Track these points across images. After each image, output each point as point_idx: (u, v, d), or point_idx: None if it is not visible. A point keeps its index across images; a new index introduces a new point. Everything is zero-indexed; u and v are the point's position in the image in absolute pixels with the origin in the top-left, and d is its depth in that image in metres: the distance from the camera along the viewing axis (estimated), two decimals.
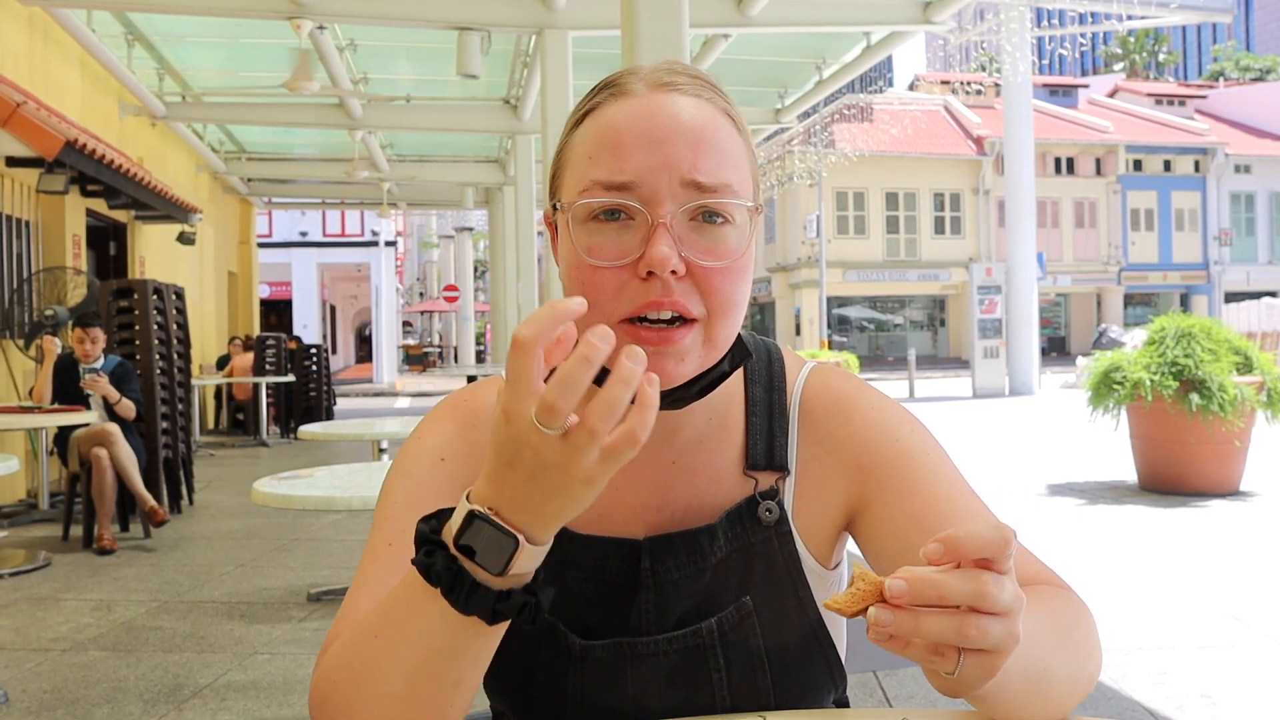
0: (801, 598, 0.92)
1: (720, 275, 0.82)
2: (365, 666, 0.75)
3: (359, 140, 12.31)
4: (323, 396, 13.66)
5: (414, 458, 0.94)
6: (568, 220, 0.84)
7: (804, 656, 0.92)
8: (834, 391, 0.96)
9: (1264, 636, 3.83)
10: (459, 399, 0.98)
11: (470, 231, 32.39)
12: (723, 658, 0.89)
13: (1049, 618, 0.79)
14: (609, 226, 0.81)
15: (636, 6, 4.37)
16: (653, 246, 0.79)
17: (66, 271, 8.05)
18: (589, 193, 0.82)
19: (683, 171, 0.81)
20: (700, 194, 0.81)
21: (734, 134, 0.86)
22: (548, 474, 0.64)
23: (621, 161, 0.81)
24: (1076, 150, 36.83)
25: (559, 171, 0.89)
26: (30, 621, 4.33)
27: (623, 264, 0.81)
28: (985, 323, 19.67)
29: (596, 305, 0.80)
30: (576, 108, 0.90)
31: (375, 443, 5.30)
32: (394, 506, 0.90)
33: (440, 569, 0.68)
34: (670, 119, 0.83)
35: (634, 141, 0.82)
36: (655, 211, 0.80)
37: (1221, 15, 23.73)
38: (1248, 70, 60.22)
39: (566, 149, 0.88)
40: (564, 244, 0.85)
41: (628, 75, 0.87)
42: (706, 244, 0.82)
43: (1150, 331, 7.26)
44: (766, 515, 0.91)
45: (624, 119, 0.83)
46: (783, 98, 11.26)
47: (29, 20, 8.08)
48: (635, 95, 0.85)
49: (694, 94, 0.85)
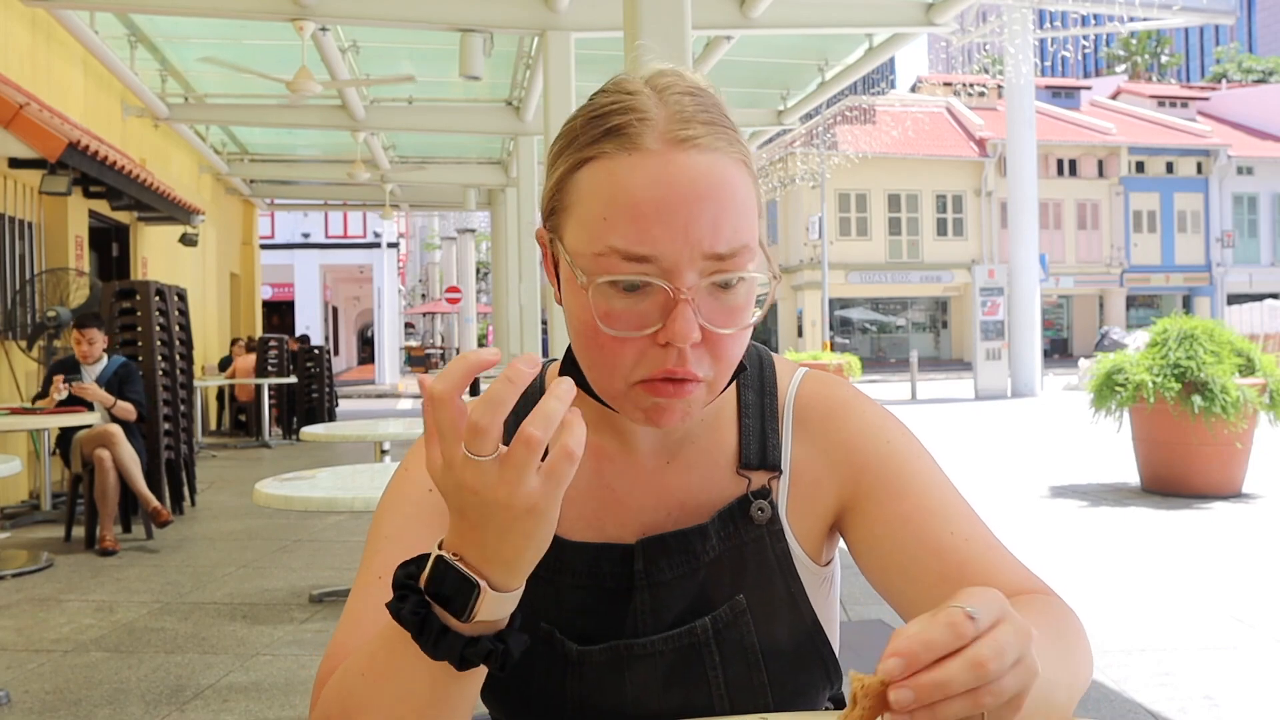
0: (794, 594, 0.93)
1: (732, 339, 0.83)
2: (355, 707, 0.76)
3: (361, 141, 12.32)
4: (325, 398, 13.67)
5: (401, 490, 0.93)
6: (581, 278, 0.81)
7: (798, 653, 0.93)
8: (828, 397, 0.97)
9: (1267, 638, 3.82)
10: None
11: (473, 233, 32.36)
12: (718, 655, 0.90)
13: (1048, 632, 0.78)
14: (628, 295, 0.80)
15: (639, 8, 4.37)
16: (675, 322, 0.79)
17: (69, 273, 8.06)
18: (606, 259, 0.80)
19: (704, 245, 0.79)
20: (720, 263, 0.80)
21: (749, 183, 0.84)
22: (494, 512, 0.65)
23: (641, 233, 0.79)
24: (1079, 152, 36.81)
25: (560, 208, 0.85)
26: (32, 622, 4.33)
27: (642, 335, 0.80)
28: (987, 324, 19.65)
29: (611, 370, 0.82)
30: (577, 138, 0.84)
31: (377, 444, 5.31)
32: (383, 540, 0.90)
33: (408, 613, 0.69)
34: (690, 186, 0.80)
35: (654, 211, 0.79)
36: (677, 283, 0.79)
37: (1224, 17, 23.69)
38: (1250, 72, 60.17)
39: (568, 188, 0.84)
40: (574, 299, 0.83)
41: (638, 122, 0.81)
42: (723, 310, 0.82)
43: (1153, 333, 7.26)
44: (759, 514, 0.92)
45: (641, 185, 0.80)
46: (785, 99, 11.27)
47: (32, 21, 8.09)
48: (650, 152, 0.80)
49: (710, 147, 0.81)
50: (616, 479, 0.94)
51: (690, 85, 0.85)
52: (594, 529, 0.93)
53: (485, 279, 37.72)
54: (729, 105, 0.88)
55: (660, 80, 0.85)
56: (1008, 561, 0.89)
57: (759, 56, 9.78)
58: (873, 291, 36.68)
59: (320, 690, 0.83)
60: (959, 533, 0.88)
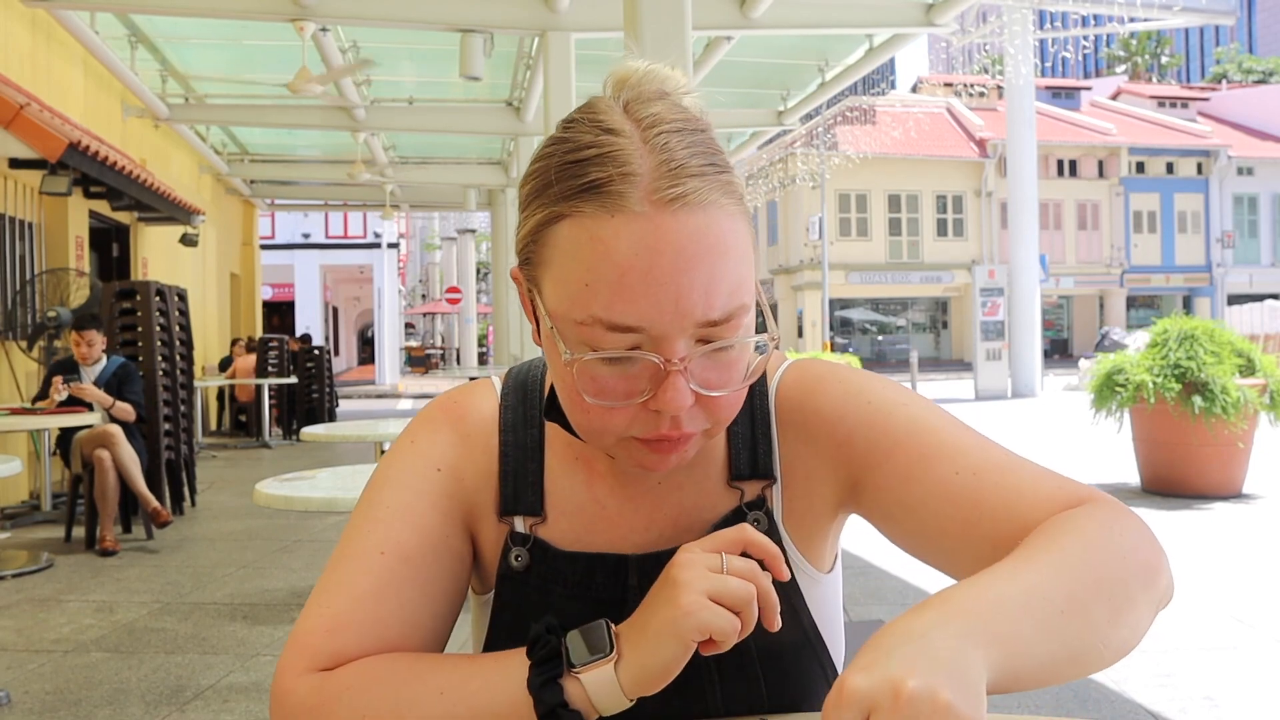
0: (794, 605, 0.90)
1: (727, 399, 0.80)
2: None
3: (362, 142, 12.33)
4: (325, 398, 13.67)
5: (408, 463, 0.91)
6: (565, 352, 0.77)
7: (798, 663, 0.91)
8: (804, 379, 0.93)
9: (1267, 638, 3.82)
10: (451, 403, 0.95)
11: (473, 233, 32.37)
12: (716, 671, 0.88)
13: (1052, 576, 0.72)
14: (614, 363, 0.76)
15: (639, 8, 4.37)
16: (665, 392, 0.75)
17: (69, 273, 8.06)
18: (589, 329, 0.75)
19: (696, 315, 0.74)
20: (714, 329, 0.76)
21: (744, 232, 0.78)
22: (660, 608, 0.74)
23: (628, 304, 0.73)
24: (1079, 152, 36.81)
25: (537, 262, 0.79)
26: (32, 623, 4.33)
27: (631, 404, 0.77)
28: (988, 325, 19.65)
29: (600, 434, 0.80)
30: (553, 183, 0.77)
31: (378, 444, 5.30)
32: (386, 510, 0.87)
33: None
34: (679, 253, 0.73)
35: (640, 282, 0.73)
36: (667, 354, 0.75)
37: (1224, 18, 23.69)
38: (1250, 72, 60.17)
39: (546, 243, 0.77)
40: (556, 359, 0.79)
41: (620, 179, 0.74)
42: (717, 370, 0.78)
43: (1153, 334, 7.25)
44: (755, 526, 0.88)
45: (626, 251, 0.73)
46: (785, 99, 11.27)
47: (32, 22, 8.09)
48: (635, 215, 0.73)
49: (701, 202, 0.74)
50: (608, 496, 0.91)
51: (679, 118, 0.78)
52: (585, 540, 0.91)
53: (485, 279, 37.73)
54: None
55: (644, 111, 0.77)
56: (1030, 482, 0.83)
57: (759, 57, 9.78)
58: (873, 292, 36.67)
59: (314, 658, 0.80)
60: (966, 468, 0.83)
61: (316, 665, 0.81)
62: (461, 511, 0.90)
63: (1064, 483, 0.84)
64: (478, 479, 0.91)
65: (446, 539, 0.88)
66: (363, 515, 0.88)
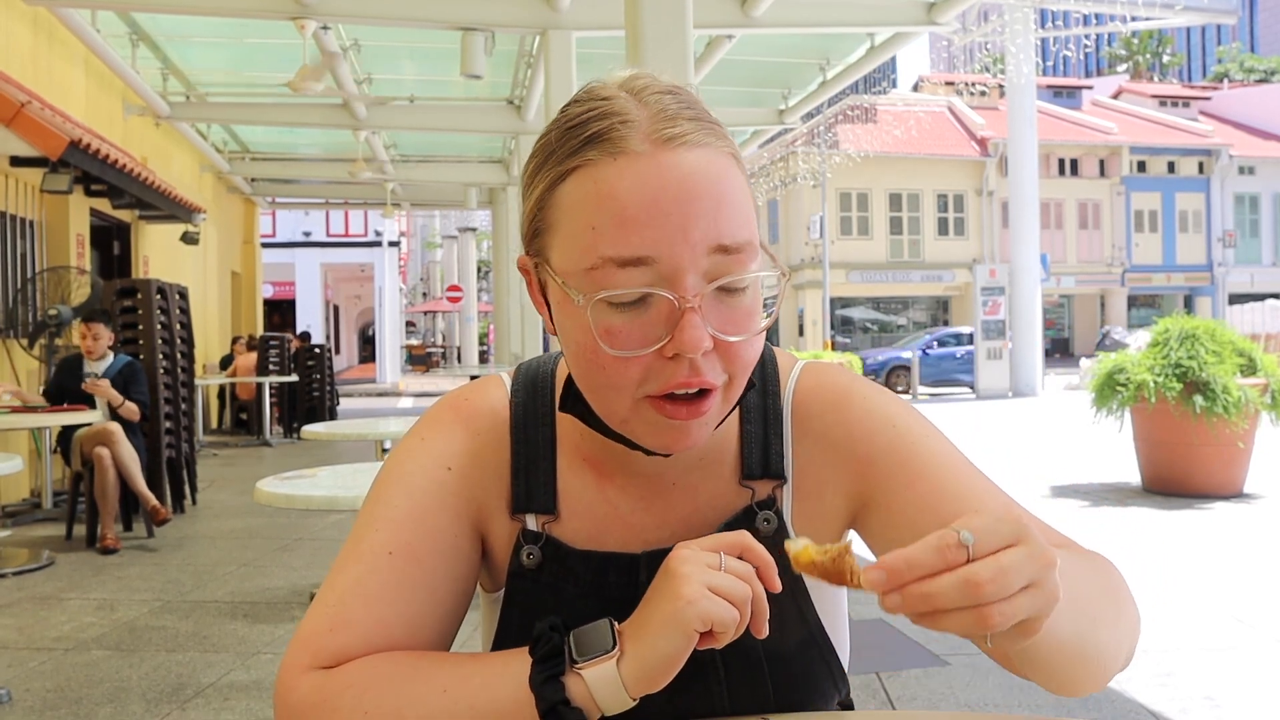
0: (801, 606, 0.91)
1: (745, 345, 0.79)
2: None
3: (363, 140, 12.32)
4: (326, 396, 13.67)
5: (417, 463, 0.90)
6: (576, 297, 0.77)
7: (805, 663, 0.91)
8: (826, 388, 0.93)
9: (1268, 639, 3.82)
10: (461, 400, 0.95)
11: (474, 232, 32.36)
12: (723, 670, 0.88)
13: (1091, 576, 0.81)
14: (628, 308, 0.76)
15: (640, 7, 4.37)
16: (683, 331, 0.75)
17: (70, 271, 8.06)
18: (599, 271, 0.75)
19: (706, 244, 0.75)
20: (725, 258, 0.76)
21: (743, 179, 0.80)
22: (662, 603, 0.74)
23: (635, 236, 0.74)
24: (1080, 151, 36.79)
25: (544, 229, 0.81)
26: (33, 621, 4.33)
27: (649, 351, 0.76)
28: (989, 324, 19.66)
29: (618, 389, 0.78)
30: (554, 153, 0.80)
31: (378, 443, 5.31)
32: (395, 510, 0.87)
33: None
34: (683, 183, 0.75)
35: (646, 212, 0.74)
36: (680, 290, 0.75)
37: (1226, 17, 23.67)
38: (1252, 72, 60.15)
39: (550, 205, 0.79)
40: (569, 321, 0.79)
41: (620, 125, 0.77)
42: (732, 316, 0.78)
43: (1154, 333, 7.25)
44: (764, 525, 0.89)
45: (629, 187, 0.75)
46: (786, 98, 11.25)
47: (34, 20, 8.09)
48: (636, 154, 0.76)
49: (700, 143, 0.77)
50: (619, 496, 0.91)
51: (667, 85, 0.81)
52: (597, 539, 0.90)
53: (486, 278, 37.71)
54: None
55: (635, 83, 0.80)
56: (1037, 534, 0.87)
57: (760, 56, 9.77)
58: (874, 291, 36.66)
59: (316, 656, 0.81)
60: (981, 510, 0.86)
61: (319, 663, 0.81)
62: (471, 511, 0.90)
63: (1065, 540, 0.89)
64: (488, 477, 0.91)
65: (455, 540, 0.88)
66: (372, 514, 0.88)
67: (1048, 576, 0.63)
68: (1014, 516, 0.65)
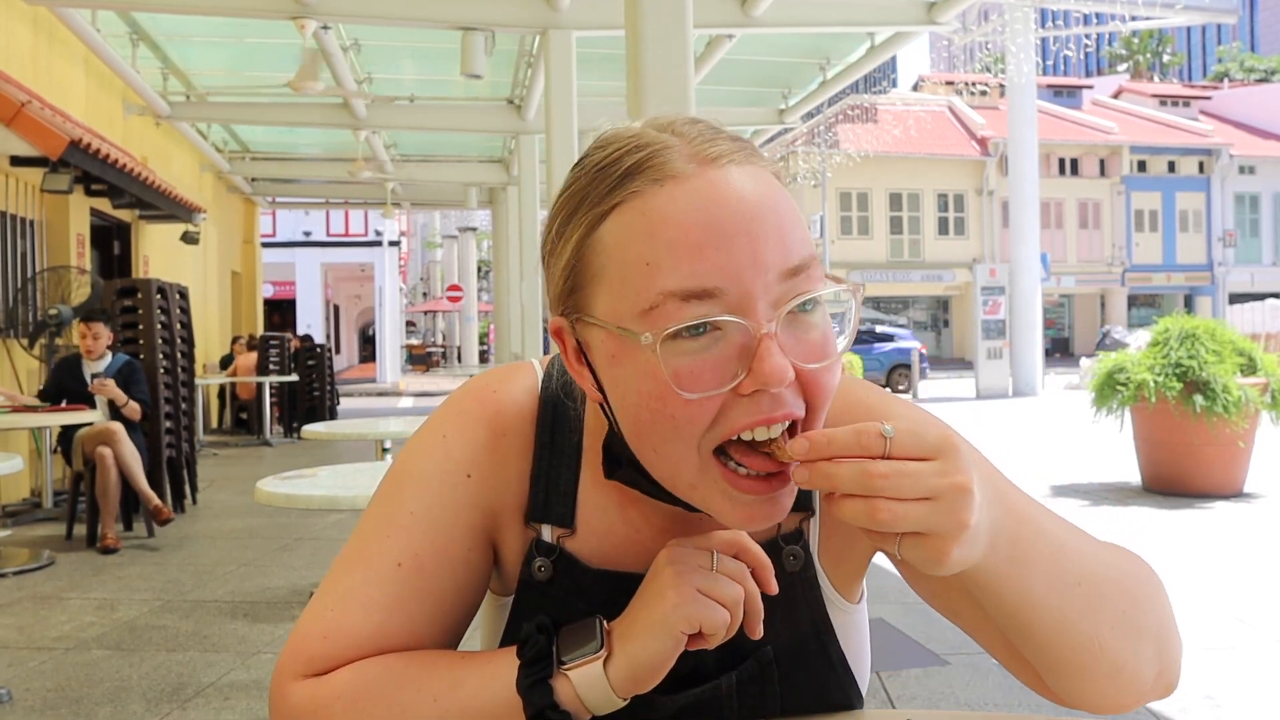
0: (825, 642, 0.87)
1: (827, 373, 0.71)
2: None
3: (363, 140, 12.32)
4: (326, 396, 13.67)
5: (437, 464, 0.84)
6: (644, 336, 0.68)
7: (823, 702, 0.88)
8: (855, 407, 0.85)
9: (1268, 638, 3.82)
10: (488, 391, 0.87)
11: (474, 231, 32.41)
12: (738, 705, 0.85)
13: (1099, 566, 0.77)
14: (695, 343, 0.68)
15: (641, 7, 4.36)
16: (763, 362, 0.67)
17: (71, 271, 8.06)
18: (661, 310, 0.68)
19: (776, 263, 0.68)
20: (795, 280, 0.69)
21: (791, 197, 0.74)
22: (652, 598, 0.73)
23: (698, 263, 0.67)
24: (1081, 151, 36.78)
25: (584, 281, 0.73)
26: (34, 620, 4.33)
27: (726, 390, 0.68)
28: (989, 324, 19.65)
29: (687, 438, 0.69)
30: (587, 195, 0.73)
31: (378, 442, 5.31)
32: (409, 518, 0.82)
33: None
34: (741, 202, 0.69)
35: (708, 235, 0.68)
36: (753, 318, 0.67)
37: (1226, 16, 23.67)
38: (1252, 71, 60.15)
39: (591, 252, 0.72)
40: (626, 372, 0.71)
41: (661, 151, 0.71)
42: (806, 342, 0.70)
43: (1154, 333, 7.25)
44: (791, 562, 0.85)
45: (683, 209, 0.68)
46: (787, 98, 11.25)
47: (34, 20, 8.09)
48: (685, 177, 0.70)
49: (746, 161, 0.72)
50: (641, 520, 0.85)
51: (691, 117, 0.76)
52: (614, 560, 0.85)
53: (486, 277, 37.71)
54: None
55: (658, 120, 0.75)
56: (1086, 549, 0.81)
57: (760, 55, 9.76)
58: (874, 290, 36.64)
59: (309, 663, 0.79)
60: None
61: (312, 670, 0.79)
62: (486, 521, 0.85)
63: (1110, 547, 0.83)
64: (507, 481, 0.85)
65: (466, 552, 0.83)
66: (383, 514, 0.84)
67: (955, 498, 0.63)
68: (944, 435, 0.65)
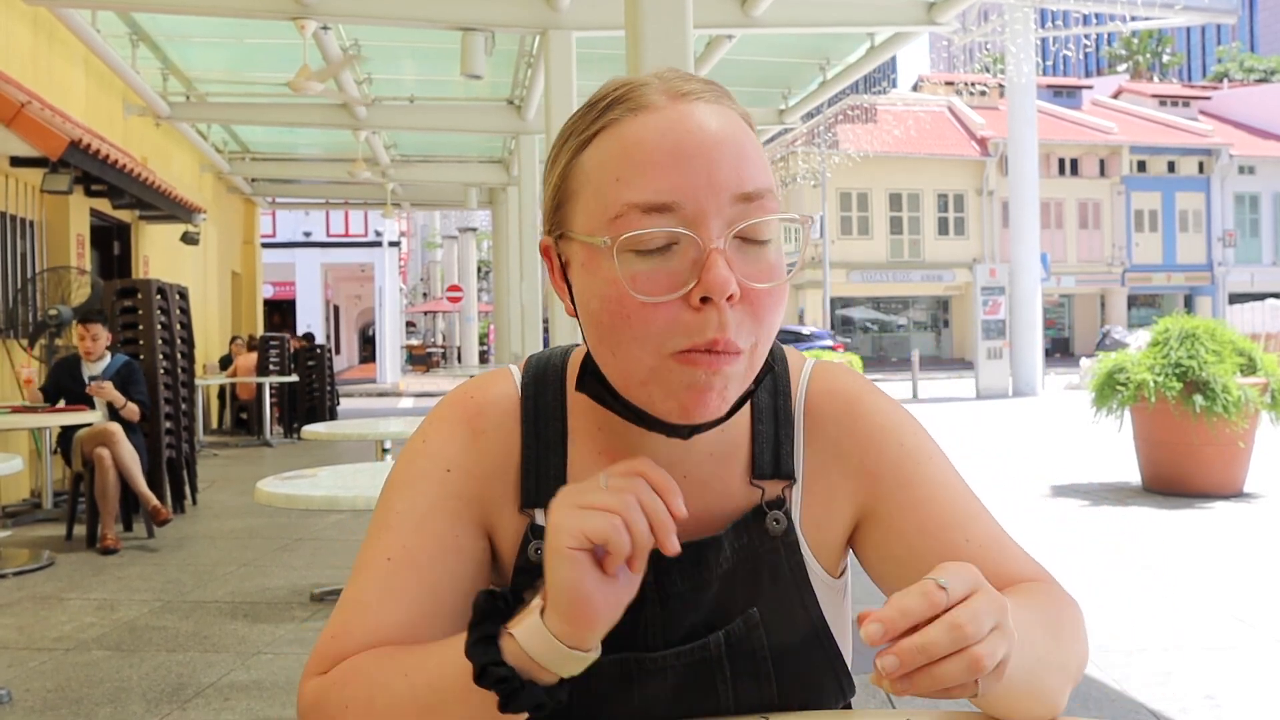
0: (808, 607, 0.90)
1: (770, 297, 0.78)
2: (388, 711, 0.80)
3: (363, 140, 12.33)
4: (326, 396, 13.67)
5: (419, 466, 0.91)
6: (600, 252, 0.78)
7: (811, 666, 0.91)
8: (839, 393, 0.94)
9: (1268, 638, 3.82)
10: (465, 398, 0.94)
11: (474, 232, 32.41)
12: (729, 670, 0.88)
13: (1038, 613, 0.82)
14: (653, 255, 0.76)
15: (641, 7, 4.36)
16: (709, 272, 0.74)
17: (71, 271, 8.06)
18: (624, 219, 0.76)
19: (729, 187, 0.76)
20: (748, 205, 0.77)
21: (757, 139, 0.82)
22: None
23: (659, 180, 0.76)
24: (1080, 151, 36.79)
25: (566, 199, 0.82)
26: (34, 621, 4.33)
27: (676, 296, 0.76)
28: (989, 324, 19.65)
29: (647, 341, 0.77)
30: (575, 128, 0.83)
31: (379, 443, 5.31)
32: (395, 517, 0.88)
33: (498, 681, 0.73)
34: (702, 130, 0.78)
35: (670, 157, 0.76)
36: (705, 233, 0.75)
37: (1226, 16, 23.69)
38: (1252, 71, 60.14)
39: (573, 174, 0.82)
40: (593, 279, 0.79)
41: (639, 87, 0.81)
42: (756, 265, 0.78)
43: (1154, 333, 7.25)
44: (774, 525, 0.89)
45: (652, 134, 0.78)
46: (786, 98, 11.26)
47: (34, 20, 8.09)
48: (657, 108, 0.79)
49: (715, 101, 0.81)
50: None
51: (673, 67, 0.85)
52: None
53: (486, 278, 37.72)
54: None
55: (652, 71, 0.85)
56: (1017, 559, 0.90)
57: (760, 55, 9.77)
58: (874, 291, 36.68)
59: (319, 662, 0.85)
60: (974, 539, 0.88)
61: (321, 668, 0.85)
62: (474, 511, 0.90)
63: (1034, 565, 0.92)
64: (493, 474, 0.91)
65: (456, 540, 0.88)
66: (376, 522, 0.90)
67: (1006, 619, 0.67)
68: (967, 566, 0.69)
